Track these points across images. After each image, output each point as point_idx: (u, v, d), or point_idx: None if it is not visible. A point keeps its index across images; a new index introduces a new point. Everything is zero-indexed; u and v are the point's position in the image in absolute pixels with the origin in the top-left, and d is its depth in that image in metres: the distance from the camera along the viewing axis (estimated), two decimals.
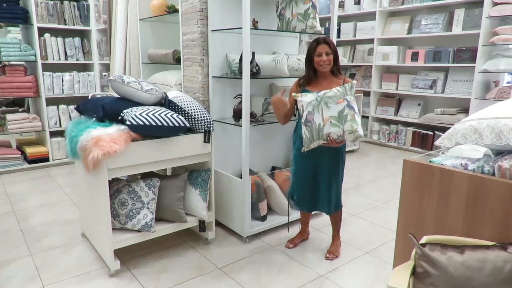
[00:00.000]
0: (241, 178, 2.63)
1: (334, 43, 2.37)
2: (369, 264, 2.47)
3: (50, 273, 2.33)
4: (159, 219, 2.49)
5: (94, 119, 2.35)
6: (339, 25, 6.18)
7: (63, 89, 4.59)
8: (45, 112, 4.44)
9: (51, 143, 4.53)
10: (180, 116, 2.33)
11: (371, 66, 5.80)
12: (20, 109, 4.76)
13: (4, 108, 4.79)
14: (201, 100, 2.84)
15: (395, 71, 5.76)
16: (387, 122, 5.84)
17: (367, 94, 5.86)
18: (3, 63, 4.24)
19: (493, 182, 1.32)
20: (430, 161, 1.53)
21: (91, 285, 2.21)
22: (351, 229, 2.97)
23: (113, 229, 2.30)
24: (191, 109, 2.45)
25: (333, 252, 2.56)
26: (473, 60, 4.59)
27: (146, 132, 2.22)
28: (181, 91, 2.96)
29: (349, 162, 4.78)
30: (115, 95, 2.51)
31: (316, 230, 2.92)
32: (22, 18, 4.17)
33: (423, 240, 1.34)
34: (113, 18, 3.92)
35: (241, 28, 2.39)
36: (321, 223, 3.02)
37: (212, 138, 2.53)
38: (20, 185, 3.92)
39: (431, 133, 5.18)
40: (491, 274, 1.20)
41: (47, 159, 4.52)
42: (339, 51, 5.99)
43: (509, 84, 4.67)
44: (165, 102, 2.48)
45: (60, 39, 4.53)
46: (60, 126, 4.58)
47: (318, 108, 2.15)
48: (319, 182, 2.43)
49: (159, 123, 2.20)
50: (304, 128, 2.21)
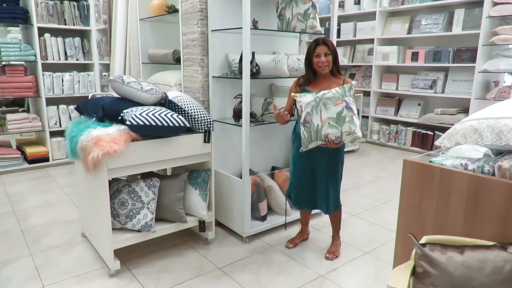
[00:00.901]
0: (241, 178, 2.63)
1: (334, 44, 2.37)
2: (369, 264, 2.47)
3: (50, 273, 2.33)
4: (159, 219, 2.49)
5: (94, 119, 2.35)
6: (339, 25, 6.18)
7: (63, 89, 4.59)
8: (45, 112, 4.44)
9: (51, 143, 4.53)
10: (180, 116, 2.33)
11: (371, 66, 5.80)
12: (20, 109, 4.76)
13: (4, 108, 4.79)
14: (201, 100, 2.84)
15: (395, 71, 5.76)
16: (387, 122, 5.84)
17: (367, 94, 5.86)
18: (3, 63, 4.24)
19: (493, 182, 1.32)
20: (430, 161, 1.53)
21: (91, 285, 2.22)
22: (351, 229, 2.97)
23: (113, 229, 2.30)
24: (191, 109, 2.45)
25: (333, 252, 2.56)
26: (473, 60, 4.59)
27: (146, 132, 2.22)
28: (181, 91, 2.96)
29: (349, 162, 4.79)
30: (115, 95, 2.51)
31: (316, 230, 2.92)
32: (22, 18, 4.17)
33: (423, 240, 1.34)
34: (113, 18, 3.92)
35: (241, 28, 2.39)
36: (321, 223, 3.02)
37: (212, 138, 2.53)
38: (20, 185, 3.92)
39: (431, 133, 5.18)
40: (491, 274, 1.20)
41: (47, 159, 4.52)
42: (339, 51, 5.99)
43: (509, 84, 4.68)
44: (165, 102, 2.48)
45: (60, 39, 4.53)
46: (60, 126, 4.58)
47: (317, 109, 2.16)
48: (317, 182, 2.43)
49: (159, 123, 2.20)
50: (303, 129, 2.21)
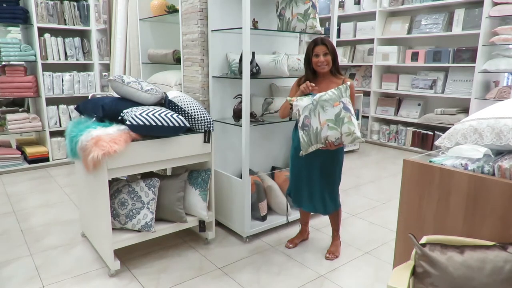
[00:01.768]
0: (241, 178, 2.63)
1: (333, 43, 2.37)
2: (369, 264, 2.47)
3: (50, 273, 2.33)
4: (159, 219, 2.49)
5: (94, 119, 2.35)
6: (339, 25, 6.18)
7: (63, 89, 4.59)
8: (45, 112, 4.44)
9: (51, 143, 4.53)
10: (180, 116, 2.33)
11: (371, 66, 5.80)
12: (20, 109, 4.76)
13: (4, 108, 4.79)
14: (201, 100, 2.84)
15: (395, 71, 5.76)
16: (387, 122, 5.84)
17: (367, 94, 5.86)
18: (3, 63, 4.24)
19: (493, 182, 1.32)
20: (430, 161, 1.53)
21: (91, 285, 2.21)
22: (351, 229, 2.97)
23: (113, 229, 2.30)
24: (191, 109, 2.45)
25: (333, 252, 2.56)
26: (473, 60, 4.59)
27: (146, 132, 2.22)
28: (181, 91, 2.96)
29: (349, 162, 4.79)
30: (115, 95, 2.51)
31: (316, 230, 2.92)
32: (22, 18, 4.17)
33: (423, 240, 1.34)
34: (113, 18, 3.92)
35: (241, 28, 2.39)
36: (321, 223, 3.02)
37: (212, 138, 2.53)
38: (20, 185, 3.92)
39: (431, 133, 5.18)
40: (491, 274, 1.20)
41: (47, 159, 4.52)
42: (339, 51, 5.98)
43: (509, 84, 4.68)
44: (165, 102, 2.48)
45: (60, 39, 4.54)
46: (60, 126, 4.58)
47: (315, 112, 2.15)
48: (315, 182, 2.43)
49: (159, 123, 2.20)
50: (302, 133, 2.20)
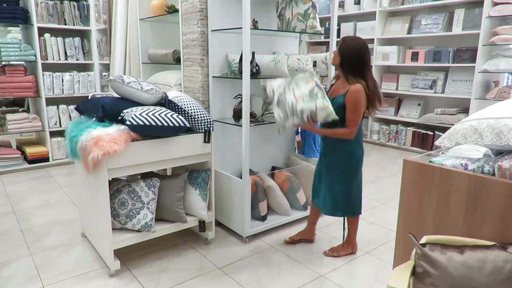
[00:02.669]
0: (241, 178, 2.63)
1: (349, 43, 2.23)
2: (369, 264, 2.47)
3: (50, 273, 2.33)
4: (159, 219, 2.48)
5: (94, 119, 2.35)
6: (339, 25, 6.18)
7: (63, 89, 4.58)
8: (45, 112, 4.44)
9: (51, 143, 4.53)
10: (180, 116, 2.33)
11: (371, 66, 5.79)
12: (20, 109, 4.75)
13: (4, 108, 4.79)
14: (201, 100, 2.84)
15: (395, 71, 5.76)
16: (387, 122, 5.84)
17: None
18: (3, 63, 4.24)
19: (493, 182, 1.32)
20: (430, 161, 1.53)
21: (91, 285, 2.21)
22: None
23: (113, 229, 2.30)
24: (191, 109, 2.45)
25: (336, 251, 2.55)
26: (473, 60, 4.59)
27: (146, 132, 2.22)
28: (181, 91, 2.96)
29: None
30: (115, 95, 2.51)
31: (316, 230, 2.92)
32: (22, 18, 4.17)
33: (423, 240, 1.34)
34: (113, 18, 3.92)
35: (241, 28, 2.39)
36: (321, 223, 3.01)
37: (212, 138, 2.53)
38: (20, 185, 3.92)
39: (431, 133, 5.18)
40: (491, 274, 1.20)
41: (47, 159, 4.52)
42: None
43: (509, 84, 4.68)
44: (165, 102, 2.47)
45: (60, 39, 4.53)
46: (60, 126, 4.57)
47: (289, 88, 2.21)
48: (323, 179, 2.48)
49: (159, 123, 2.20)
50: (277, 110, 2.23)
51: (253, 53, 2.60)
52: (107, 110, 2.31)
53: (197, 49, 2.78)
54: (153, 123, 2.18)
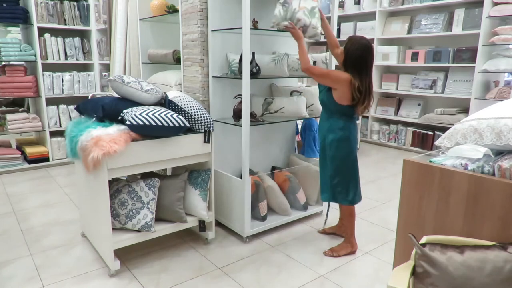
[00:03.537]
0: (241, 178, 2.63)
1: (354, 42, 2.33)
2: (369, 264, 2.47)
3: (50, 273, 2.33)
4: (159, 219, 2.48)
5: (94, 119, 2.35)
6: (339, 25, 6.18)
7: (63, 89, 4.59)
8: (45, 112, 4.44)
9: (51, 143, 4.53)
10: (180, 116, 2.33)
11: (372, 67, 5.78)
12: (20, 109, 4.75)
13: (4, 108, 4.79)
14: (201, 100, 2.84)
15: (395, 71, 5.76)
16: (387, 122, 5.84)
17: None
18: (3, 63, 4.24)
19: (493, 182, 1.32)
20: (430, 161, 1.53)
21: (91, 285, 2.22)
22: None
23: (113, 229, 2.30)
24: (191, 109, 2.45)
25: (335, 250, 2.56)
26: (473, 60, 4.59)
27: (146, 132, 2.22)
28: (181, 91, 2.96)
29: None
30: (115, 95, 2.51)
31: (316, 230, 2.92)
32: (22, 18, 4.17)
33: (423, 240, 1.34)
34: (113, 18, 3.92)
35: (241, 28, 2.39)
36: (321, 223, 3.01)
37: (212, 138, 2.53)
38: (20, 185, 3.92)
39: (431, 133, 5.18)
40: (491, 274, 1.20)
41: (47, 159, 4.52)
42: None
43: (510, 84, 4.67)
44: (165, 102, 2.48)
45: (60, 39, 4.53)
46: (60, 126, 4.58)
47: None
48: (322, 166, 2.62)
49: (159, 123, 2.20)
50: (280, 7, 2.46)
51: (253, 53, 2.60)
52: (107, 110, 2.31)
53: (197, 49, 2.78)
54: (153, 123, 2.18)
